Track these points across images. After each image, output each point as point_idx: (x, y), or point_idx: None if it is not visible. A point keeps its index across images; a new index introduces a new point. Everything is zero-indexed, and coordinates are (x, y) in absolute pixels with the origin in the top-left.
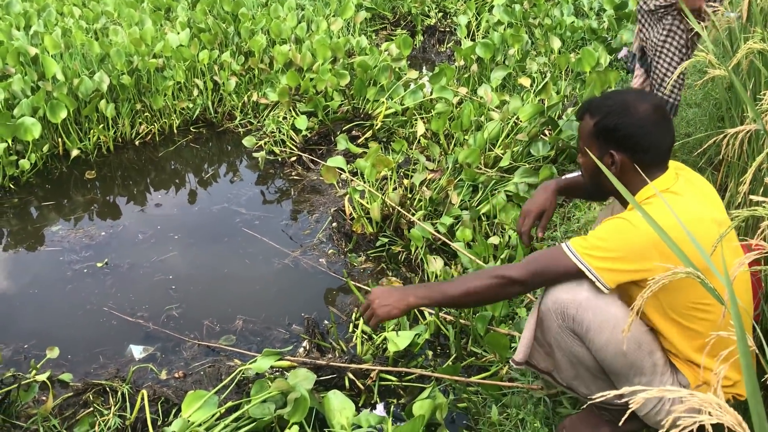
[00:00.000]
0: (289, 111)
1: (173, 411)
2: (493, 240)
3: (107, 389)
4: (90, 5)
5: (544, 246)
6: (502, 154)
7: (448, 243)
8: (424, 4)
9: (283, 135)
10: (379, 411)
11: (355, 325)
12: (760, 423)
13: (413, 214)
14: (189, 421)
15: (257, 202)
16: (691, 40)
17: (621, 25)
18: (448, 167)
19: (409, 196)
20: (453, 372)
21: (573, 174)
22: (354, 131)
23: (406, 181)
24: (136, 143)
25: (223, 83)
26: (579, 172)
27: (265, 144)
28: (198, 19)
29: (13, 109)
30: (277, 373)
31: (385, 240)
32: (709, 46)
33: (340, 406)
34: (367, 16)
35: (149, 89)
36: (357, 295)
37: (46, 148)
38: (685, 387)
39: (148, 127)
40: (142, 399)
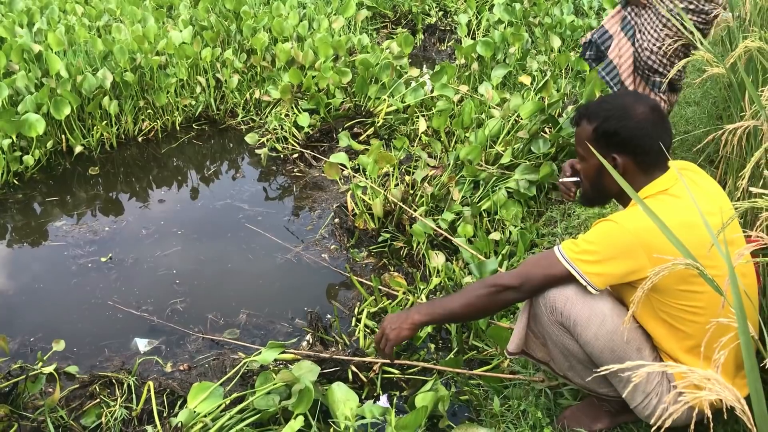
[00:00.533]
0: (292, 108)
1: (179, 402)
2: (494, 236)
3: (113, 381)
4: (92, 3)
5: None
6: (503, 152)
7: (450, 238)
8: (425, 3)
9: (286, 132)
10: (383, 402)
11: (358, 319)
12: (759, 399)
13: (415, 210)
14: (195, 412)
15: (260, 199)
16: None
17: None
18: (449, 164)
19: (411, 192)
20: (455, 365)
21: (567, 179)
22: (356, 128)
23: (408, 177)
24: (138, 140)
25: (225, 80)
26: (570, 178)
27: (267, 141)
28: (200, 16)
29: (17, 106)
30: (281, 365)
31: (387, 235)
32: (707, 46)
33: (343, 398)
34: (368, 14)
35: (152, 86)
36: (359, 289)
37: (49, 145)
38: (674, 386)
39: (150, 124)
40: (148, 390)
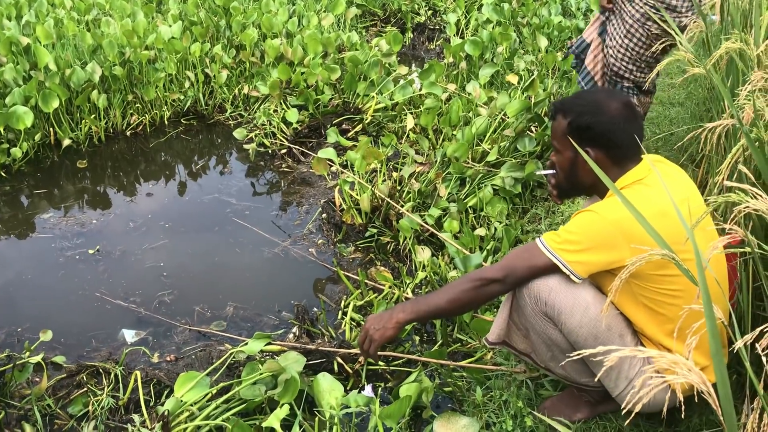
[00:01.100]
0: (280, 104)
1: (165, 392)
2: (480, 231)
3: (100, 371)
4: None
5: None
6: (490, 149)
7: (436, 234)
8: (414, 2)
9: (274, 128)
10: (367, 392)
11: (344, 312)
12: (723, 382)
13: (402, 206)
14: (181, 400)
15: (248, 193)
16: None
17: None
18: (436, 161)
19: (398, 188)
20: (439, 356)
21: (544, 172)
22: (344, 125)
23: (396, 173)
24: (127, 134)
25: (214, 76)
26: (548, 171)
27: (255, 136)
28: (190, 12)
29: (5, 98)
30: (267, 357)
31: (375, 231)
32: (688, 46)
33: (329, 388)
34: (357, 12)
35: (141, 81)
36: (346, 283)
37: (37, 137)
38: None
39: (139, 118)
40: (135, 380)
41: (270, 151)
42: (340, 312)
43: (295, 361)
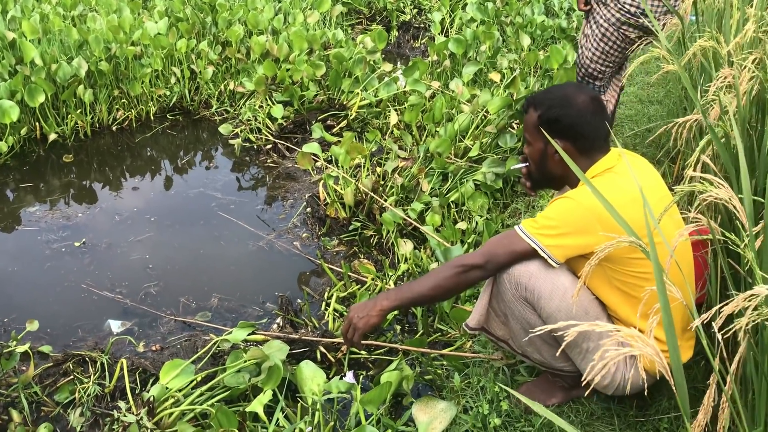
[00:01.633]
0: (266, 100)
1: (151, 380)
2: (461, 225)
3: (87, 359)
4: None
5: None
6: (472, 145)
7: (419, 227)
8: (399, 0)
9: (259, 123)
10: (349, 378)
11: (327, 304)
12: (674, 354)
13: (385, 200)
14: (167, 387)
15: (233, 188)
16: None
17: None
18: (419, 156)
19: (382, 182)
20: (420, 345)
21: (518, 165)
22: (329, 121)
23: (379, 168)
24: (113, 129)
25: (200, 72)
26: (521, 164)
27: (241, 131)
28: (176, 8)
29: None
30: (251, 346)
31: (358, 224)
32: (664, 43)
33: (311, 375)
34: (343, 10)
35: (127, 76)
36: (330, 275)
37: (23, 132)
38: (632, 355)
39: (125, 114)
40: (121, 368)
41: (255, 147)
42: (324, 303)
43: (279, 349)
